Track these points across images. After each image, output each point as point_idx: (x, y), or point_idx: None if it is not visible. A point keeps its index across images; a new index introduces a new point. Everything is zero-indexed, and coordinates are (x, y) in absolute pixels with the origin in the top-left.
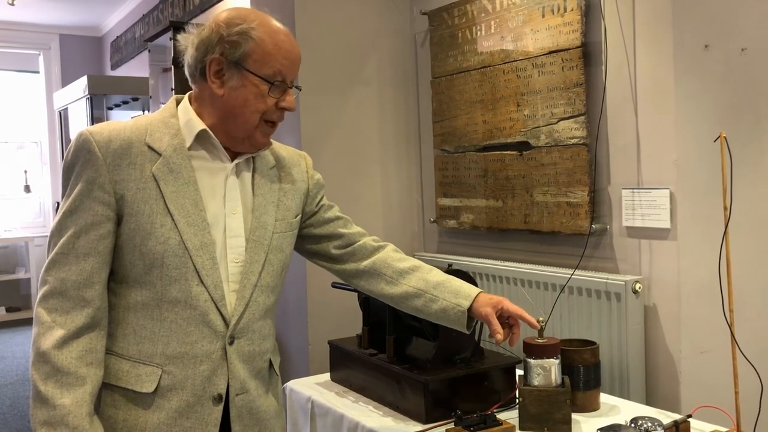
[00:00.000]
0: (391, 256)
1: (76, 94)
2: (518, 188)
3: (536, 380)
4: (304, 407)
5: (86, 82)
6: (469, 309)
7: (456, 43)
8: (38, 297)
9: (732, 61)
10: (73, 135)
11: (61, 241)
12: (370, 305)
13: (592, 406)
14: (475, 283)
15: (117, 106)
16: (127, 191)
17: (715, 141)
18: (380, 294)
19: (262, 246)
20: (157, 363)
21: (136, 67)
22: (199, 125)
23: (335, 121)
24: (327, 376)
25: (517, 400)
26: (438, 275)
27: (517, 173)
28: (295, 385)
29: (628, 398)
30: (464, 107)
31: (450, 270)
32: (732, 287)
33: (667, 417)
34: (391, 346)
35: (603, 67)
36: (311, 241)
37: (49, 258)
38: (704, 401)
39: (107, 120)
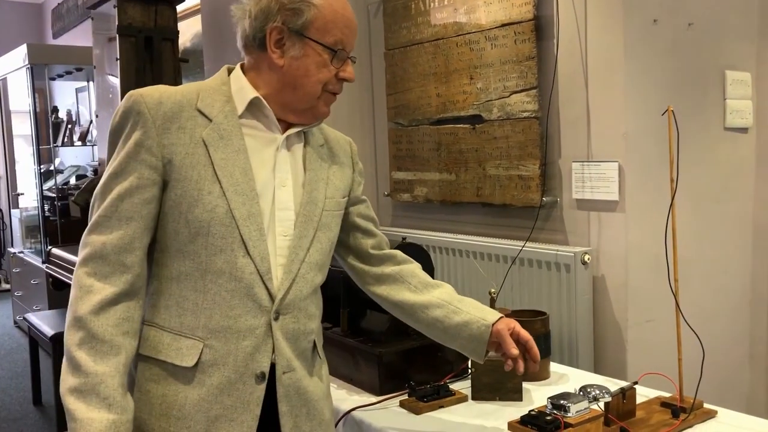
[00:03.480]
0: (419, 270)
1: (15, 63)
2: (471, 161)
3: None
4: None
5: (26, 51)
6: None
7: (409, 15)
8: (79, 259)
9: (679, 36)
10: (13, 105)
11: (105, 203)
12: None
13: (542, 375)
14: (429, 258)
15: (60, 76)
16: (175, 156)
17: (662, 114)
18: (400, 300)
19: (311, 222)
20: (198, 336)
21: (80, 36)
22: (252, 93)
23: None
24: None
25: (470, 371)
26: (462, 296)
27: (470, 147)
28: None
29: (577, 367)
30: (418, 80)
31: (404, 243)
32: (677, 258)
33: (614, 384)
34: (345, 320)
35: (555, 41)
36: (349, 230)
37: (92, 220)
38: (649, 368)
39: (50, 91)
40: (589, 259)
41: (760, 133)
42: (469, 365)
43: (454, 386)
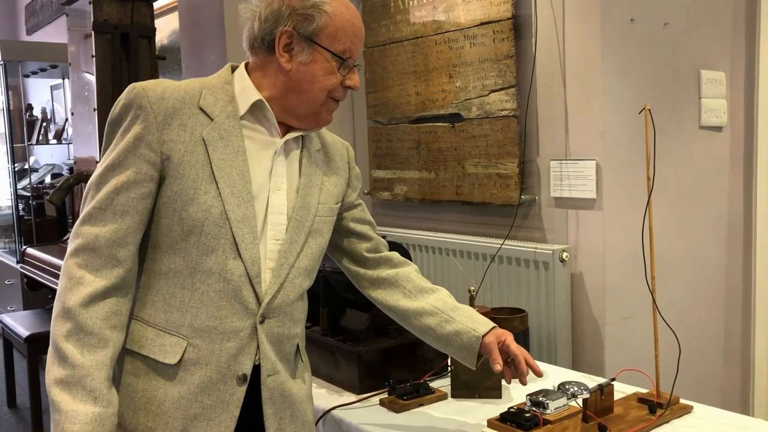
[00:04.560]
0: (415, 274)
1: None
2: (450, 160)
3: None
4: None
5: None
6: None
7: (388, 13)
8: (69, 250)
9: (656, 35)
10: None
11: (99, 195)
12: None
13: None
14: (409, 256)
15: (34, 73)
16: (174, 153)
17: (639, 113)
18: (394, 305)
19: (303, 227)
20: (183, 334)
21: (55, 33)
22: (255, 95)
23: None
24: None
25: (449, 369)
26: (457, 303)
27: (449, 145)
28: None
29: (556, 364)
30: (397, 78)
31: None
32: (654, 255)
33: (592, 381)
34: (324, 319)
35: (533, 39)
36: (344, 234)
37: (85, 211)
38: (627, 365)
39: (24, 88)
40: (567, 256)
41: (734, 131)
42: (449, 363)
43: (434, 384)
